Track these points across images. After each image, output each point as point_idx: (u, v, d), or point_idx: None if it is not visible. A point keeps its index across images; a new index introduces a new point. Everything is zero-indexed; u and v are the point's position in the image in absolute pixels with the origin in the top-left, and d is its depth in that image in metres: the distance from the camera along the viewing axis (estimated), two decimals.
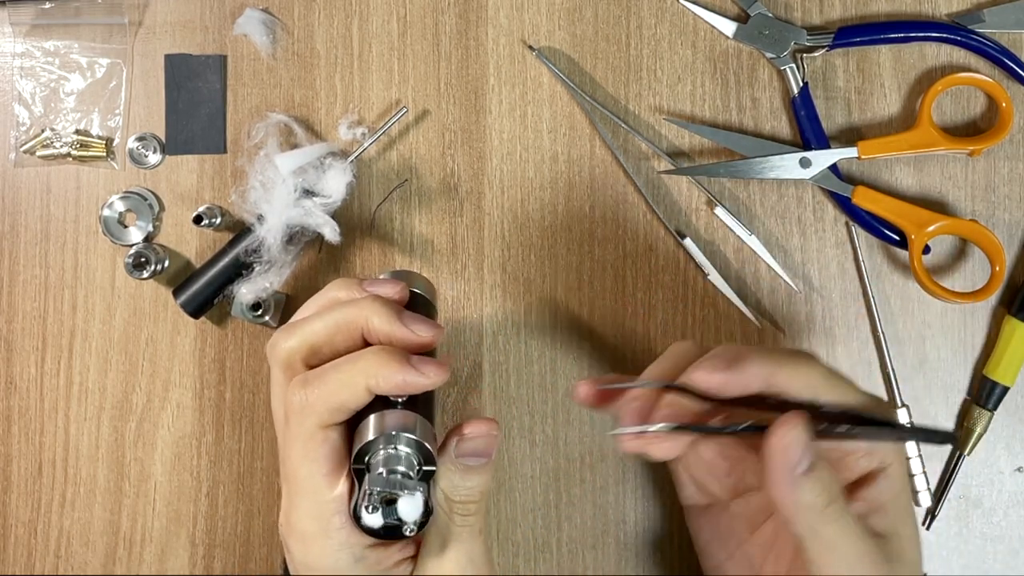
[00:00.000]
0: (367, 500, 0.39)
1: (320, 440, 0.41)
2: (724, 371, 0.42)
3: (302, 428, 0.41)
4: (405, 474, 0.40)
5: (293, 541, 0.42)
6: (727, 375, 0.42)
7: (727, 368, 0.42)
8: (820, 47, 0.60)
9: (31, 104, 0.62)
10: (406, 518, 0.40)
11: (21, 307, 0.61)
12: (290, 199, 0.57)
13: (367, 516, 0.40)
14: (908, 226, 0.59)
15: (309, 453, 0.41)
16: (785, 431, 0.40)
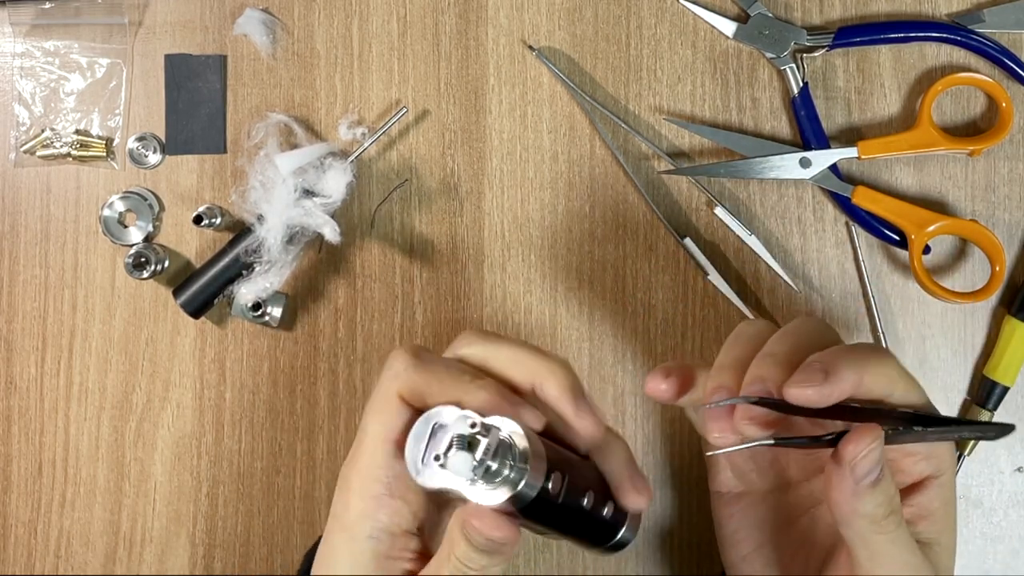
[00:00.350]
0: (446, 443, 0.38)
1: (396, 406, 0.41)
2: (820, 385, 0.40)
3: (386, 389, 0.42)
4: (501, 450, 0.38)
5: (341, 481, 0.43)
6: (823, 389, 0.40)
7: (824, 382, 0.40)
8: (820, 47, 0.60)
9: (31, 104, 0.62)
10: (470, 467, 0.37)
11: (21, 307, 0.61)
12: (290, 199, 0.57)
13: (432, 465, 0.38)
14: (908, 226, 0.59)
15: (381, 414, 0.42)
16: (864, 443, 0.40)
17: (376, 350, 0.61)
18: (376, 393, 0.42)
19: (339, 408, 0.61)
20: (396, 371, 0.42)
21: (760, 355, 0.43)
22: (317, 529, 0.61)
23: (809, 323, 0.45)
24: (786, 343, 0.43)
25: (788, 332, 0.44)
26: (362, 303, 0.61)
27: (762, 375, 0.42)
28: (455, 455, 0.37)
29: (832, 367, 0.40)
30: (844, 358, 0.41)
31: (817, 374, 0.40)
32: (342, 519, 0.42)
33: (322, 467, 0.61)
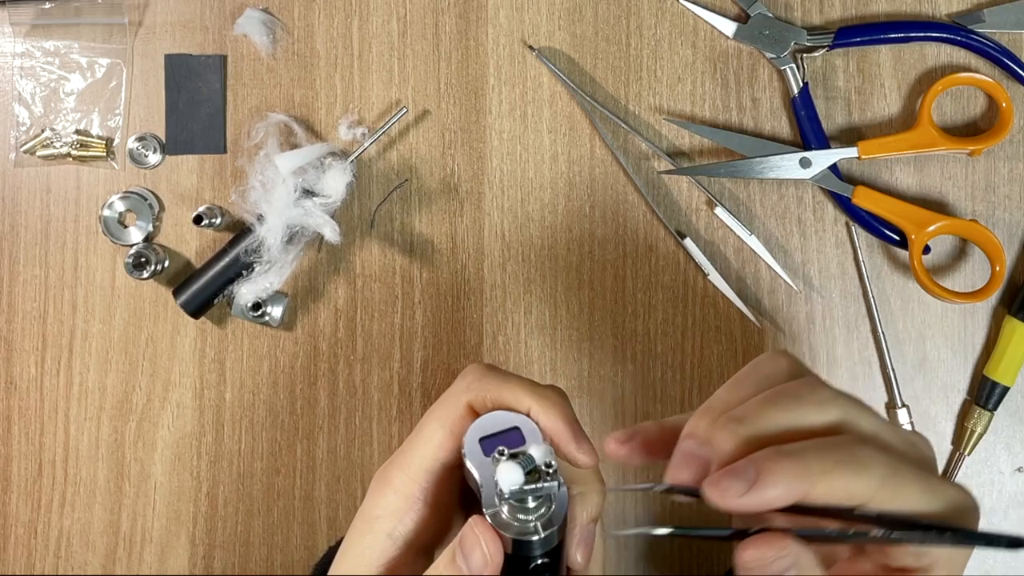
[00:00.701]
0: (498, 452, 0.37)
1: (461, 414, 0.41)
2: (740, 496, 0.33)
3: (455, 397, 0.41)
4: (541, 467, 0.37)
5: (376, 481, 0.42)
6: (745, 499, 0.33)
7: (745, 492, 0.33)
8: (820, 47, 0.60)
9: (31, 104, 0.62)
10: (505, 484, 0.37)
11: (21, 307, 0.61)
12: (290, 199, 0.57)
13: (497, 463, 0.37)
14: (908, 226, 0.59)
15: (445, 420, 0.41)
16: (764, 552, 0.34)
17: (376, 350, 0.61)
18: (444, 399, 0.42)
19: (339, 408, 0.61)
20: (469, 382, 0.41)
21: (699, 414, 0.37)
22: (317, 529, 0.61)
23: (768, 366, 0.39)
24: (735, 395, 0.37)
25: (741, 380, 0.38)
26: (362, 303, 0.61)
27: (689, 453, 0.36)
28: (512, 466, 0.37)
29: (766, 472, 0.33)
30: (784, 462, 0.33)
31: (739, 482, 0.33)
32: (368, 512, 0.42)
33: (322, 467, 0.61)
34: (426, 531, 0.41)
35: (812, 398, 0.36)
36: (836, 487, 0.33)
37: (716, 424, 0.35)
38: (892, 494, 0.34)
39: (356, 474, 0.61)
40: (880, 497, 0.34)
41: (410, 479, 0.41)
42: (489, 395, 0.40)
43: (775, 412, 0.35)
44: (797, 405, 0.36)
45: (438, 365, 0.61)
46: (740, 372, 0.39)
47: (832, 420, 0.36)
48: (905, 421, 0.60)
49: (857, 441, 0.35)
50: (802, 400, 0.36)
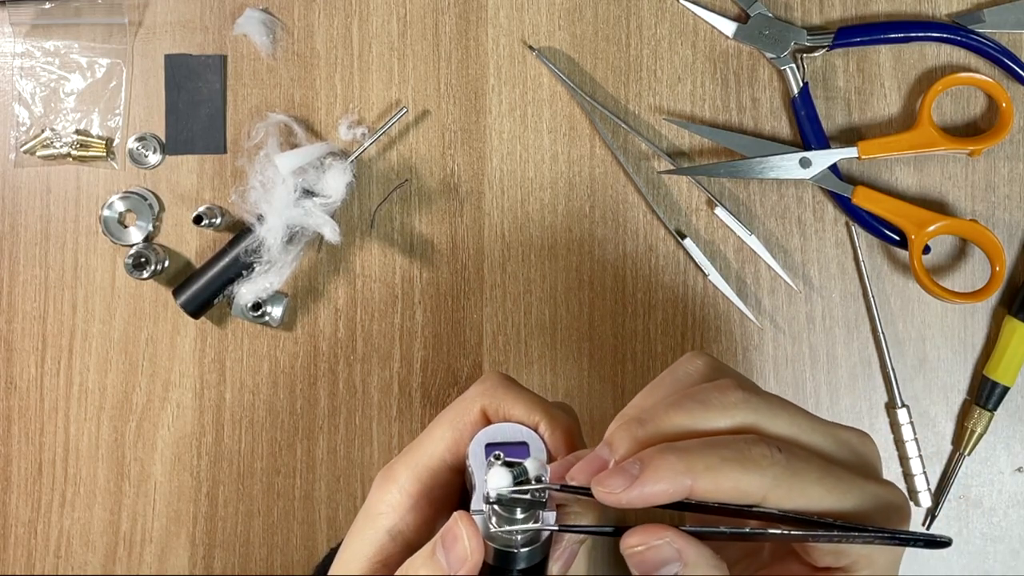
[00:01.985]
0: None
1: (472, 419, 0.41)
2: (623, 491, 0.33)
3: (468, 402, 0.41)
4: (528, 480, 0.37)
5: (380, 478, 0.42)
6: (628, 493, 0.33)
7: (629, 487, 0.33)
8: (820, 47, 0.60)
9: (31, 104, 0.62)
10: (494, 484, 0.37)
11: (21, 307, 0.61)
12: (290, 199, 0.57)
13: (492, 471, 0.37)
14: (908, 226, 0.59)
15: (457, 422, 0.41)
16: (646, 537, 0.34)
17: (376, 350, 0.61)
18: (459, 402, 0.42)
19: (339, 408, 0.61)
20: (485, 388, 0.41)
21: (615, 420, 0.37)
22: (317, 529, 0.61)
23: (683, 369, 0.39)
24: (649, 400, 0.37)
25: (657, 385, 0.38)
26: (362, 303, 0.61)
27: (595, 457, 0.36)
28: (503, 471, 0.37)
29: (650, 467, 0.33)
30: (668, 457, 0.33)
31: (623, 477, 0.33)
32: (371, 508, 0.41)
33: (322, 467, 0.61)
34: (427, 531, 0.41)
35: (719, 401, 0.35)
36: (723, 484, 0.33)
37: (619, 427, 0.35)
38: (788, 492, 0.34)
39: (356, 474, 0.61)
40: (776, 495, 0.34)
41: (415, 477, 0.41)
42: (503, 405, 0.41)
43: (677, 414, 0.35)
44: (702, 409, 0.35)
45: (438, 365, 0.61)
46: (658, 376, 0.39)
47: (738, 423, 0.35)
48: (905, 421, 0.60)
49: (753, 440, 0.34)
50: (708, 403, 0.35)
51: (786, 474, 0.34)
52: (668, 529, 0.34)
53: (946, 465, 0.61)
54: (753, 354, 0.61)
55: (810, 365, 0.61)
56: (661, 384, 0.39)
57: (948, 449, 0.61)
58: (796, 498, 0.34)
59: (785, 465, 0.34)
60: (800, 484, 0.34)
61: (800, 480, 0.34)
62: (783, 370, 0.61)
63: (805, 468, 0.34)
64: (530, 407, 0.40)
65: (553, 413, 0.40)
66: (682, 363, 0.39)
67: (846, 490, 0.35)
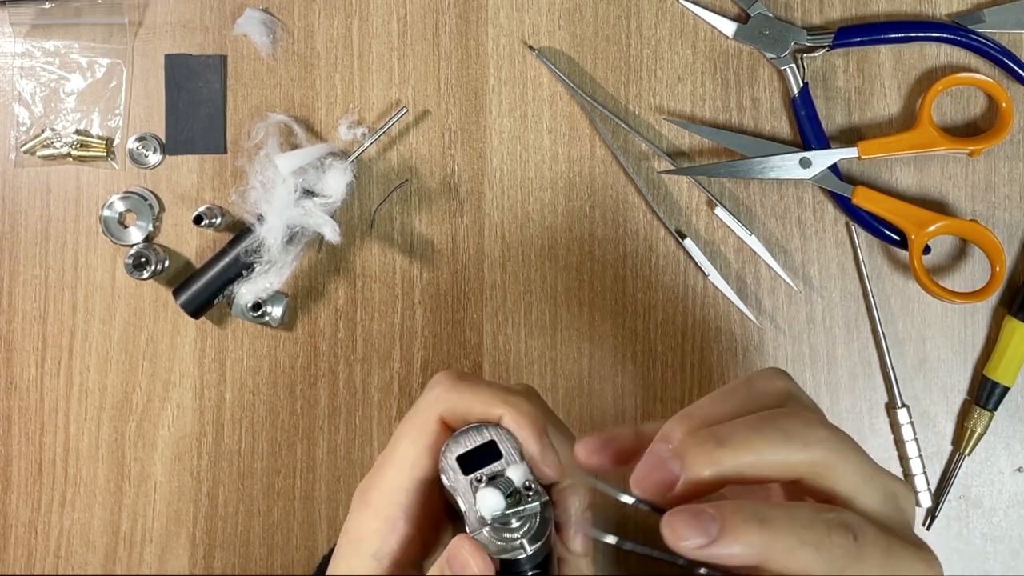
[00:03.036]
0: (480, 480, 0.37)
1: (433, 430, 0.41)
2: (698, 548, 0.32)
3: (425, 411, 0.41)
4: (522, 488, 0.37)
5: (356, 502, 0.42)
6: (701, 553, 0.32)
7: (704, 545, 0.32)
8: (820, 47, 0.60)
9: (31, 104, 0.62)
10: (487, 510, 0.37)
11: (21, 307, 0.61)
12: (290, 199, 0.57)
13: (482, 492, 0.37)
14: (908, 226, 0.59)
15: (416, 436, 0.41)
16: None
17: (376, 350, 0.61)
18: (413, 414, 0.41)
19: (339, 408, 0.61)
20: (438, 393, 0.41)
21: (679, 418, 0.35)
22: (317, 529, 0.61)
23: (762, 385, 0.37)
24: (721, 409, 0.36)
25: (730, 393, 0.37)
26: (362, 303, 0.61)
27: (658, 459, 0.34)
28: (492, 492, 0.37)
29: (730, 533, 0.32)
30: (750, 529, 0.32)
31: (699, 534, 0.32)
32: (352, 534, 0.41)
33: (322, 467, 0.61)
34: (412, 547, 0.41)
35: (802, 435, 0.34)
36: (793, 566, 0.32)
37: (694, 438, 0.34)
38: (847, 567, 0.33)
39: (356, 474, 0.61)
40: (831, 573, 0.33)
41: (389, 500, 0.41)
42: (460, 406, 0.40)
43: (759, 442, 0.34)
44: (783, 439, 0.34)
45: (438, 365, 0.61)
46: (731, 384, 0.38)
47: (814, 461, 0.34)
48: (905, 421, 0.60)
49: (835, 525, 0.33)
50: (790, 435, 0.34)
51: (853, 562, 0.33)
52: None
53: (946, 465, 0.61)
54: (753, 354, 0.61)
55: (810, 365, 0.61)
56: (734, 394, 0.37)
57: (948, 449, 0.61)
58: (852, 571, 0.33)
59: (856, 554, 0.33)
60: (860, 569, 0.33)
61: (862, 565, 0.33)
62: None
63: (871, 556, 0.34)
64: (488, 402, 0.40)
65: (513, 401, 0.40)
66: (761, 378, 0.38)
67: (895, 565, 0.34)
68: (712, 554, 0.32)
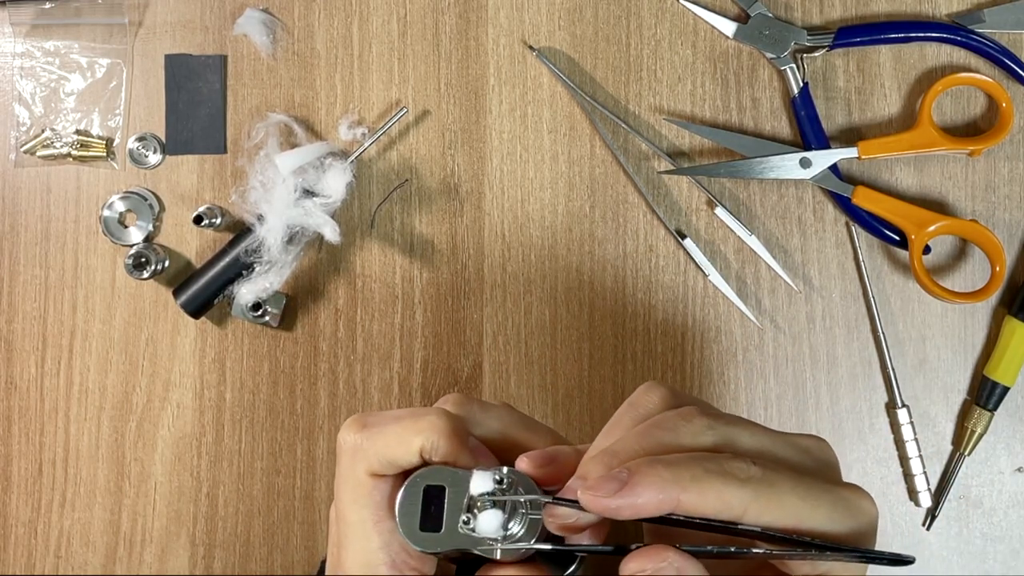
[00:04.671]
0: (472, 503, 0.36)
1: (370, 487, 0.40)
2: (610, 498, 0.33)
3: (353, 473, 0.40)
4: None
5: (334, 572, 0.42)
6: (615, 501, 0.33)
7: (615, 494, 0.33)
8: (820, 47, 0.60)
9: (31, 104, 0.62)
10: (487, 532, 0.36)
11: (21, 307, 0.61)
12: (290, 199, 0.57)
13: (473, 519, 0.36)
14: (908, 226, 0.59)
15: (359, 499, 0.40)
16: (647, 562, 0.34)
17: (376, 350, 0.61)
18: (343, 478, 0.40)
19: (339, 408, 0.61)
20: (353, 450, 0.39)
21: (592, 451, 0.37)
22: (317, 529, 0.61)
23: (642, 402, 0.39)
24: (612, 438, 0.37)
25: (616, 423, 0.38)
26: (362, 303, 0.61)
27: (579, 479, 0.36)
28: (486, 514, 0.36)
29: (638, 476, 0.34)
30: (656, 467, 0.34)
31: (612, 483, 0.34)
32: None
33: (322, 467, 0.61)
34: None
35: (686, 428, 0.36)
36: (708, 496, 0.34)
37: (590, 460, 0.36)
38: (767, 504, 0.34)
39: None
40: (756, 507, 0.34)
41: (369, 566, 0.39)
42: (379, 457, 0.39)
43: (647, 444, 0.35)
44: (672, 436, 0.36)
45: (438, 365, 0.61)
46: (616, 413, 0.39)
47: (707, 447, 0.36)
48: (905, 421, 0.60)
49: (730, 456, 0.35)
50: (676, 431, 0.36)
51: (763, 486, 0.34)
52: (669, 549, 0.34)
53: (946, 465, 0.61)
54: (753, 354, 0.61)
55: (810, 365, 0.61)
56: (621, 420, 0.39)
57: (948, 449, 0.61)
58: (774, 509, 0.34)
59: (761, 477, 0.34)
60: (777, 495, 0.35)
61: (776, 491, 0.35)
62: (783, 370, 0.61)
63: (779, 479, 0.35)
64: (400, 439, 0.39)
65: (423, 426, 0.39)
66: (639, 396, 0.39)
67: (817, 497, 0.35)
68: (629, 502, 0.33)
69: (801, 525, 0.35)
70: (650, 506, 0.34)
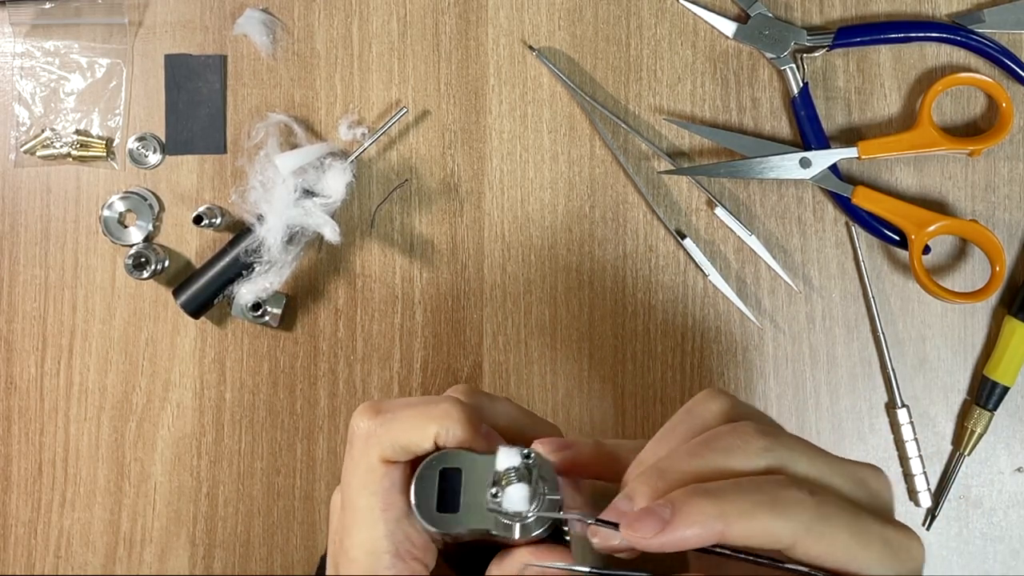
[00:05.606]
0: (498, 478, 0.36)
1: (382, 473, 0.39)
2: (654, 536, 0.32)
3: (365, 458, 0.39)
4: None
5: (342, 566, 0.41)
6: (660, 538, 0.32)
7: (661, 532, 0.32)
8: (820, 47, 0.60)
9: (31, 104, 0.62)
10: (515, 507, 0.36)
11: (21, 307, 0.61)
12: (290, 199, 0.57)
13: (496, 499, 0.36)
14: (908, 226, 0.59)
15: (369, 485, 0.39)
16: None
17: (376, 350, 0.61)
18: (354, 464, 0.40)
19: (339, 408, 0.61)
20: (366, 435, 0.39)
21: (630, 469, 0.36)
22: (317, 529, 0.61)
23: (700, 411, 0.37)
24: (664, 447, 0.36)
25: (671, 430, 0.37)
26: (362, 303, 0.61)
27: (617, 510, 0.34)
28: (514, 488, 0.36)
29: (682, 511, 0.32)
30: (700, 501, 0.32)
31: (654, 520, 0.32)
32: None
33: (322, 467, 0.61)
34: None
35: (740, 449, 0.35)
36: (755, 529, 0.32)
37: (638, 478, 0.34)
38: (819, 539, 0.33)
39: None
40: (806, 542, 0.33)
41: (375, 553, 0.39)
42: (393, 442, 0.39)
43: (698, 466, 0.34)
44: (723, 458, 0.34)
45: (438, 365, 0.61)
46: (672, 419, 0.38)
47: (762, 468, 0.35)
48: (905, 421, 0.60)
49: (784, 483, 0.34)
50: (729, 451, 0.35)
51: (817, 519, 0.33)
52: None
53: (946, 465, 0.61)
54: (753, 354, 0.61)
55: (810, 365, 0.61)
56: (675, 429, 0.37)
57: (948, 449, 0.61)
58: (825, 545, 0.33)
59: (816, 510, 0.33)
60: (830, 530, 0.33)
61: (829, 526, 0.33)
62: (783, 370, 0.61)
63: (833, 513, 0.34)
64: (415, 425, 0.38)
65: (438, 413, 0.39)
66: (697, 404, 0.38)
67: (869, 536, 0.34)
68: (671, 539, 0.32)
69: (850, 565, 0.34)
70: (693, 541, 0.32)
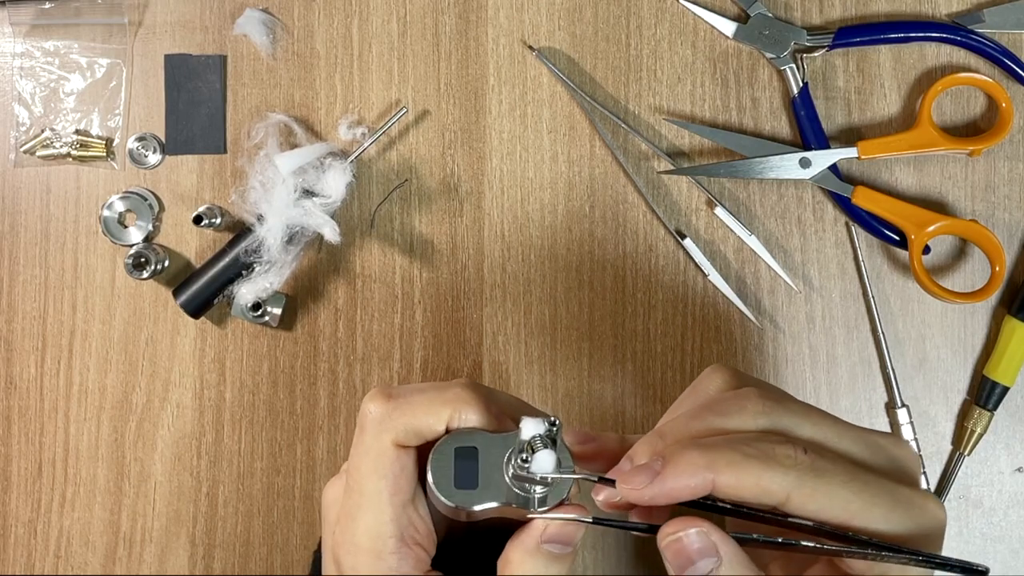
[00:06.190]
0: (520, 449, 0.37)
1: (393, 458, 0.39)
2: (644, 487, 0.33)
3: (377, 442, 0.39)
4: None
5: (344, 552, 0.40)
6: (650, 489, 0.33)
7: (650, 483, 0.33)
8: (820, 47, 0.60)
9: (31, 104, 0.62)
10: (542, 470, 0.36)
11: (21, 307, 0.61)
12: (290, 199, 0.57)
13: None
14: (908, 226, 0.59)
15: (379, 469, 0.39)
16: (679, 525, 0.34)
17: (376, 350, 0.61)
18: (365, 448, 0.40)
19: (339, 408, 0.61)
20: (379, 419, 0.39)
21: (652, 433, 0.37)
22: (317, 530, 0.61)
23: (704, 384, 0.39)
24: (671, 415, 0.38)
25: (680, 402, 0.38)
26: (362, 303, 0.61)
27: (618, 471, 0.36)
28: (541, 454, 0.36)
29: (672, 461, 0.33)
30: (690, 452, 0.33)
31: (646, 471, 0.34)
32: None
33: (322, 467, 0.61)
34: (422, 561, 0.40)
35: (738, 411, 0.35)
36: (745, 480, 0.33)
37: (640, 442, 0.35)
38: (812, 493, 0.33)
39: None
40: (799, 496, 0.33)
41: (381, 537, 0.39)
42: (406, 426, 0.39)
43: (696, 426, 0.35)
44: (721, 419, 0.35)
45: (438, 365, 0.61)
46: (681, 395, 0.39)
47: (759, 429, 0.35)
48: (905, 421, 0.60)
49: (778, 440, 0.34)
50: (727, 414, 0.35)
51: (810, 474, 0.33)
52: (704, 522, 0.34)
53: (946, 465, 0.61)
54: (753, 354, 0.61)
55: (810, 365, 0.61)
56: (681, 403, 0.38)
57: (948, 449, 0.61)
58: (820, 499, 0.33)
59: (809, 466, 0.33)
60: (825, 486, 0.34)
61: (825, 482, 0.34)
62: (783, 370, 0.61)
63: (831, 469, 0.34)
64: (428, 410, 0.39)
65: (451, 398, 0.39)
66: (702, 379, 0.39)
67: (873, 493, 0.34)
68: (663, 489, 0.33)
69: (852, 521, 0.34)
70: (684, 491, 0.33)
